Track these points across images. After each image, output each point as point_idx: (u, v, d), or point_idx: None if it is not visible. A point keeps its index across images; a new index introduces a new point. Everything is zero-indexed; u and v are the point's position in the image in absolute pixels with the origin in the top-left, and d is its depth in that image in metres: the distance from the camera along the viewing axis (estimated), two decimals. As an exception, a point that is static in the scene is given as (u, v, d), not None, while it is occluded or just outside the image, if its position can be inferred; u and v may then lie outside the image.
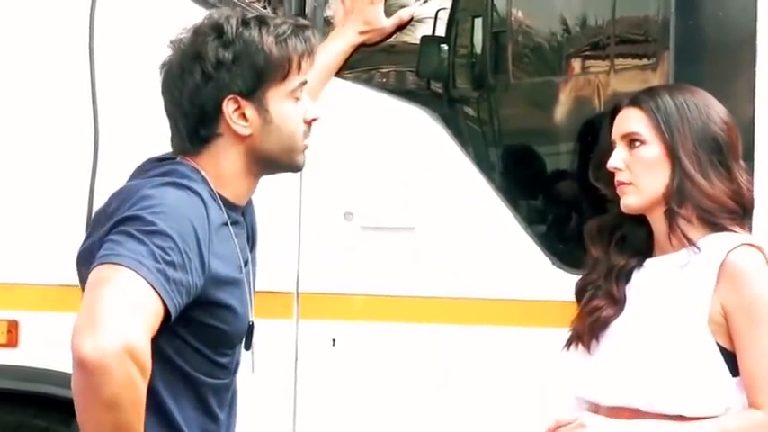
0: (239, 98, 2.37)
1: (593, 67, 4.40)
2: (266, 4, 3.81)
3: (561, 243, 3.77)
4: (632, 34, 4.21)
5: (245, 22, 2.39)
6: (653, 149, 2.81)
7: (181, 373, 2.36)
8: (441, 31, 4.73)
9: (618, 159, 2.82)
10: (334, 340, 3.72)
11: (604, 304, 2.84)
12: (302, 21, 2.49)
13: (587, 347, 2.83)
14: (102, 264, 2.21)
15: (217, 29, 2.39)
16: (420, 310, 3.70)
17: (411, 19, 3.40)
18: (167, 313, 2.23)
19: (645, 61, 4.04)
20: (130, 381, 2.14)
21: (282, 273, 3.69)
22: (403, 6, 4.30)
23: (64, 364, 3.72)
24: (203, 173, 2.39)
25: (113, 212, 2.32)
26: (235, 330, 2.42)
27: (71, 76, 3.68)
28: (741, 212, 2.81)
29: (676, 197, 2.76)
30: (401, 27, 3.43)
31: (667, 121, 2.79)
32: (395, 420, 3.70)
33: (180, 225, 2.26)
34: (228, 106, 2.37)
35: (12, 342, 3.76)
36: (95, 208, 3.36)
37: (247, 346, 2.51)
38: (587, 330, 2.85)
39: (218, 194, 2.40)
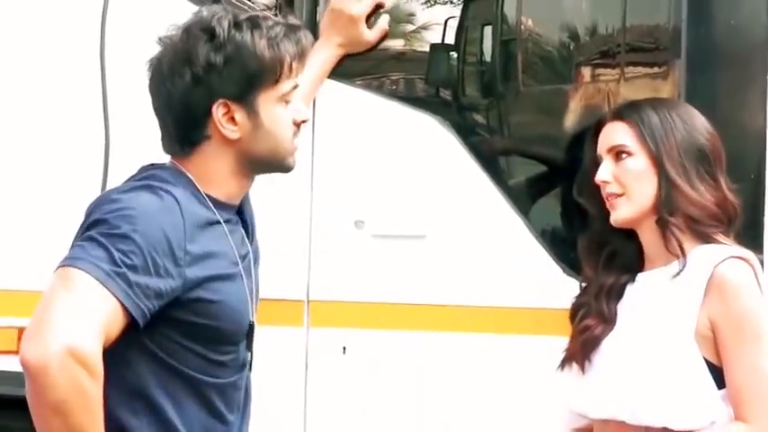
0: (229, 102, 2.35)
1: (604, 76, 4.39)
2: (276, 11, 3.81)
3: (573, 251, 3.76)
4: (643, 42, 4.20)
5: (237, 24, 2.36)
6: (640, 161, 2.83)
7: (176, 372, 2.33)
8: (450, 39, 4.73)
9: (606, 172, 2.84)
10: (344, 348, 3.71)
11: (595, 323, 2.86)
12: (293, 21, 2.46)
13: (581, 367, 2.84)
14: (59, 267, 2.22)
15: (208, 30, 2.36)
16: (431, 318, 3.69)
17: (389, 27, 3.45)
18: (134, 317, 2.21)
19: (656, 70, 4.03)
20: (76, 385, 2.12)
21: (293, 280, 3.69)
22: (411, 14, 4.30)
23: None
24: (189, 175, 2.38)
25: (87, 217, 2.32)
26: (229, 326, 2.38)
27: (81, 81, 3.68)
28: (727, 221, 2.83)
29: (666, 206, 2.78)
30: (383, 38, 3.48)
31: (652, 132, 2.82)
32: (406, 429, 3.69)
33: (147, 228, 2.24)
34: (218, 110, 2.35)
35: (22, 349, 3.75)
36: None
37: (248, 347, 2.47)
38: (580, 350, 2.86)
39: (207, 195, 2.38)
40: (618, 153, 2.87)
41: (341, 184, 3.70)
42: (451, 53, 4.62)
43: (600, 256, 2.91)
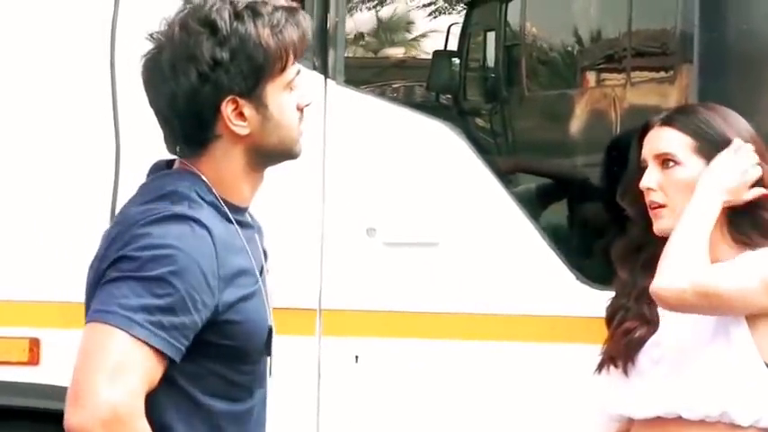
0: (237, 98, 2.27)
1: (610, 80, 4.38)
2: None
3: (586, 258, 3.74)
4: (655, 47, 4.19)
5: (237, 15, 2.27)
6: (688, 170, 2.77)
7: (194, 402, 2.29)
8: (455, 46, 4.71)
9: (651, 179, 2.78)
10: (357, 357, 3.69)
11: (637, 325, 2.81)
12: (291, 4, 2.36)
13: (624, 369, 2.80)
14: (92, 322, 2.17)
15: (209, 24, 2.26)
16: (444, 326, 3.68)
17: None
18: (170, 358, 2.19)
19: (668, 74, 4.02)
20: None
21: (305, 289, 3.67)
22: (411, 22, 4.29)
23: (85, 382, 3.74)
24: (204, 178, 2.30)
25: (111, 244, 2.24)
26: (252, 344, 2.34)
27: (94, 94, 3.67)
28: None
29: (748, 217, 2.74)
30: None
31: (714, 140, 2.76)
32: (419, 438, 3.68)
33: (183, 267, 2.18)
34: (227, 108, 2.27)
35: (33, 360, 3.75)
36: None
37: (268, 352, 2.40)
38: (623, 353, 2.82)
39: (223, 199, 2.31)
40: (664, 161, 2.81)
41: (352, 191, 3.68)
42: (454, 59, 4.61)
43: (638, 260, 2.87)
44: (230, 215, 2.31)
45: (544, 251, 3.65)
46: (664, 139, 2.80)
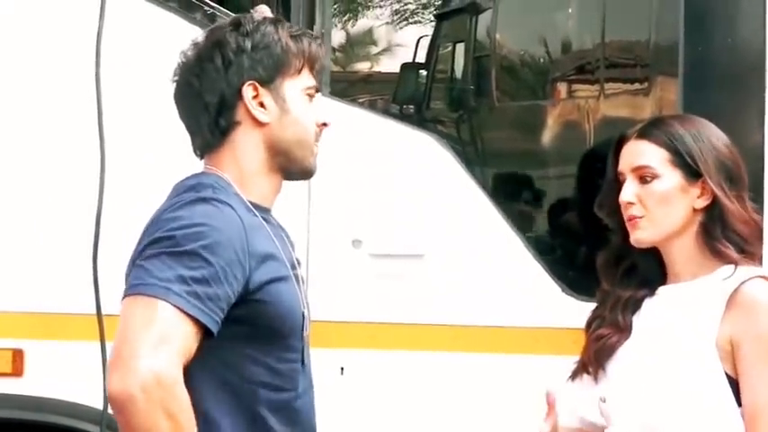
0: (258, 85, 2.43)
1: (583, 92, 4.39)
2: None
3: (571, 270, 3.75)
4: (639, 61, 4.20)
5: (260, 21, 2.48)
6: (666, 183, 2.77)
7: (231, 387, 2.36)
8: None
9: (630, 193, 2.78)
10: (342, 369, 3.69)
11: (610, 332, 2.82)
12: (310, 32, 2.56)
13: (594, 376, 2.81)
14: (129, 295, 2.27)
15: (234, 23, 2.47)
16: (429, 338, 3.68)
17: None
18: (207, 330, 2.27)
19: (653, 88, 4.03)
20: (164, 410, 2.20)
21: (290, 301, 3.67)
22: (399, 34, 4.27)
23: (69, 393, 3.73)
24: (227, 176, 2.42)
25: (144, 234, 2.35)
26: (284, 327, 2.40)
27: (78, 101, 3.66)
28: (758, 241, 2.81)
29: (719, 225, 2.74)
30: None
31: (689, 151, 2.76)
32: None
33: (211, 239, 2.30)
34: (248, 92, 2.42)
35: (17, 371, 3.74)
36: (101, 237, 3.36)
37: (302, 338, 2.47)
38: (593, 358, 2.82)
39: (246, 200, 2.42)
40: (642, 174, 2.82)
41: (338, 203, 3.68)
42: (421, 71, 4.62)
43: (618, 270, 2.88)
44: (250, 206, 2.41)
45: (530, 263, 3.66)
46: (640, 153, 2.81)
